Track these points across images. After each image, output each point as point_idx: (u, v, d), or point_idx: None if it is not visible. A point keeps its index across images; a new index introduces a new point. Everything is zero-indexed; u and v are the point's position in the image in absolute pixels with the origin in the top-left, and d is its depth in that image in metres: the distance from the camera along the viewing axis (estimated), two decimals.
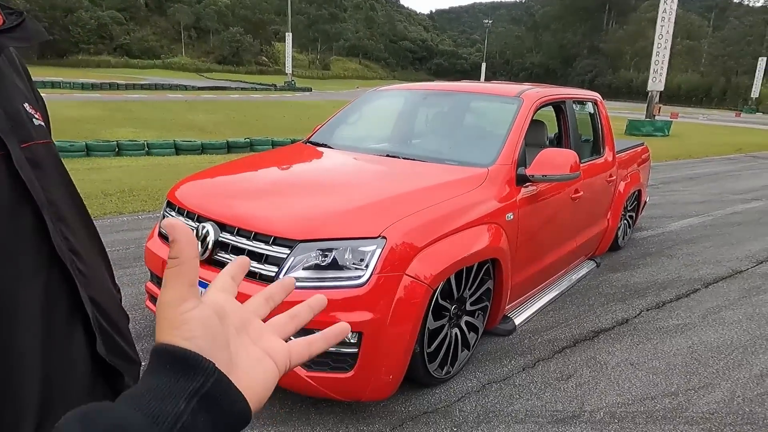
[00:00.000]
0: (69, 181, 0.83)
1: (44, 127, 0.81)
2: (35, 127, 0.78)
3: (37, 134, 0.78)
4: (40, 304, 0.71)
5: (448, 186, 2.62)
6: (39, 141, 0.78)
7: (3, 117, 0.70)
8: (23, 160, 0.71)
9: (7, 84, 0.75)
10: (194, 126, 16.50)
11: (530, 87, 3.58)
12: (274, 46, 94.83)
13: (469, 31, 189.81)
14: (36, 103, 0.83)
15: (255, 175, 2.99)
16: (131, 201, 6.13)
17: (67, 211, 0.78)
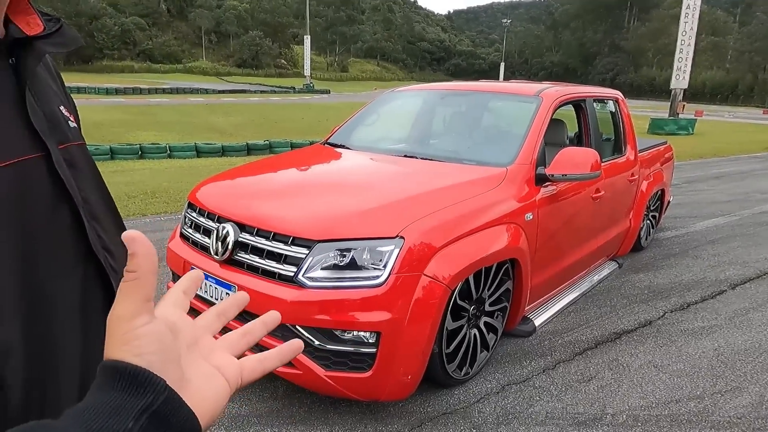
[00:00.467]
0: (101, 182, 0.86)
1: (78, 129, 0.84)
2: (70, 129, 0.81)
3: (73, 136, 0.81)
4: (78, 299, 0.73)
5: (466, 186, 2.61)
6: (74, 142, 0.81)
7: (43, 119, 0.73)
8: (61, 160, 0.73)
9: (45, 87, 0.78)
10: (215, 129, 16.74)
11: (549, 86, 3.54)
12: (292, 49, 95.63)
13: (488, 31, 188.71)
14: (69, 105, 0.86)
15: (274, 176, 3.02)
16: (154, 203, 6.24)
17: (99, 210, 0.80)
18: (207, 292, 2.37)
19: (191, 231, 2.63)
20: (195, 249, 2.55)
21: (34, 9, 0.76)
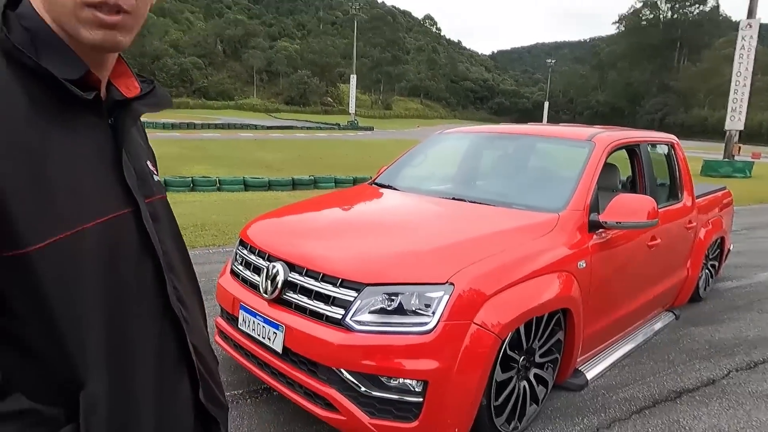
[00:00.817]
0: (177, 231, 0.89)
1: (160, 183, 0.88)
2: (155, 182, 0.85)
3: (157, 189, 0.85)
4: (154, 349, 0.76)
5: (517, 231, 2.56)
6: (158, 196, 0.84)
7: (134, 175, 0.77)
8: (148, 215, 0.77)
9: (136, 144, 0.83)
10: (262, 163, 17.28)
11: (601, 130, 3.48)
12: (338, 88, 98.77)
13: (531, 71, 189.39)
14: (152, 158, 0.91)
15: (324, 216, 3.06)
16: (203, 235, 6.44)
17: (176, 261, 0.83)
18: (254, 330, 2.39)
19: (242, 268, 2.68)
20: (244, 286, 2.59)
21: (132, 72, 0.82)
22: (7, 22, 0.67)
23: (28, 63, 0.65)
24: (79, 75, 0.69)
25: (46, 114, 0.66)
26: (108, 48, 0.71)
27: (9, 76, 0.64)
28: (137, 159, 0.81)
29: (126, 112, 0.77)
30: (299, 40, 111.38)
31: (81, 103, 0.69)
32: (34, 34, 0.68)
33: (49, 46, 0.68)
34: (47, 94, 0.66)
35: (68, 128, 0.68)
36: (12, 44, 0.65)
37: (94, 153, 0.72)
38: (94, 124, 0.73)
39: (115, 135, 0.75)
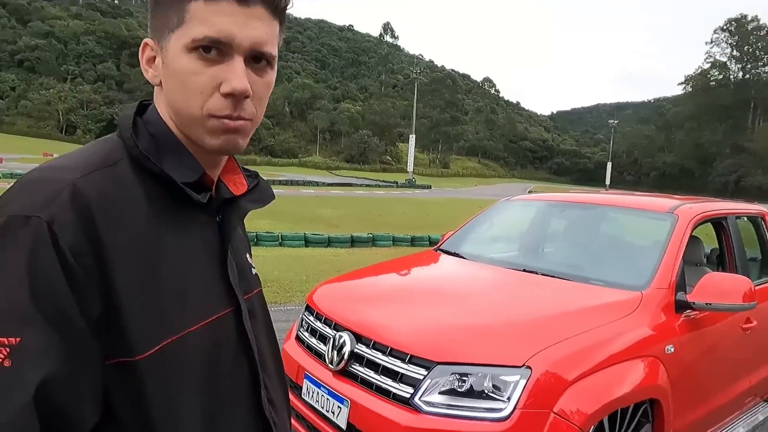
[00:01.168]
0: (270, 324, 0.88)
1: (258, 275, 0.88)
2: (253, 276, 0.85)
3: (254, 283, 0.85)
4: None
5: (597, 310, 2.40)
6: (255, 290, 0.84)
7: (236, 273, 0.77)
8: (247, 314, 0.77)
9: (238, 239, 0.83)
10: (322, 219, 17.71)
11: (683, 201, 3.29)
12: (397, 146, 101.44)
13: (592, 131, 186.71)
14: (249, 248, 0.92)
15: (391, 283, 3.03)
16: (265, 292, 6.54)
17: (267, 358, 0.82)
18: (318, 402, 2.33)
19: (307, 335, 2.66)
20: (310, 354, 2.56)
21: (239, 168, 0.84)
22: (137, 128, 0.71)
23: (153, 169, 0.68)
24: (197, 177, 0.72)
25: (163, 216, 0.69)
26: (227, 152, 0.74)
27: (134, 179, 0.67)
28: (239, 253, 0.82)
29: (233, 210, 0.79)
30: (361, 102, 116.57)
31: (195, 204, 0.71)
32: (157, 138, 0.72)
33: (171, 150, 0.72)
34: (165, 195, 0.69)
35: (181, 228, 0.70)
36: (140, 151, 0.68)
37: (202, 252, 0.73)
38: (204, 222, 0.75)
39: (222, 232, 0.77)
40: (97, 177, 0.64)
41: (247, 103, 0.69)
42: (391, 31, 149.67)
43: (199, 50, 0.66)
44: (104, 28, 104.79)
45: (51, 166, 0.66)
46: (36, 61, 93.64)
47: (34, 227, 0.57)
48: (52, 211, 0.59)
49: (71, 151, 0.71)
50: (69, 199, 0.60)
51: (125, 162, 0.68)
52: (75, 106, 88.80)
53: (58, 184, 0.61)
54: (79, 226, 0.60)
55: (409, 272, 3.21)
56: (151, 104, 0.76)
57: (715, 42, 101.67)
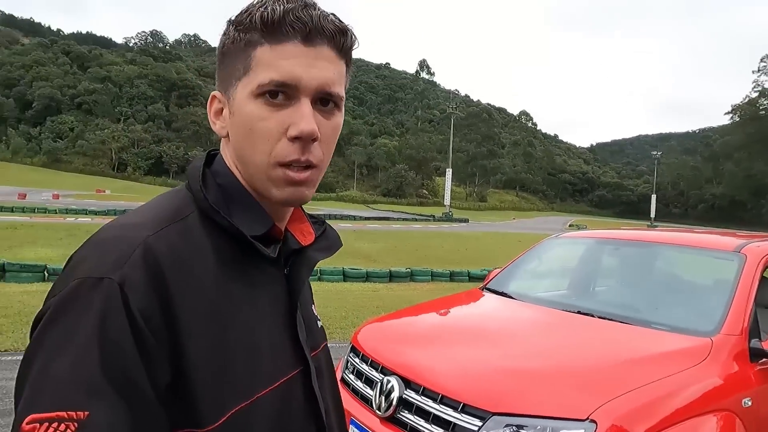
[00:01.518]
0: (335, 379, 0.84)
1: (323, 329, 0.84)
2: (318, 330, 0.81)
3: (320, 338, 0.81)
4: None
5: (663, 358, 2.24)
6: (321, 345, 0.80)
7: (304, 330, 0.73)
8: (315, 375, 0.72)
9: (306, 292, 0.80)
10: (360, 254, 17.71)
11: (749, 239, 3.09)
12: (434, 180, 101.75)
13: (634, 163, 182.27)
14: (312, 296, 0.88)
15: (439, 324, 2.93)
16: None
17: (333, 418, 0.77)
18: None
19: (353, 378, 2.59)
20: (356, 398, 2.48)
21: (306, 216, 0.81)
22: (205, 180, 0.70)
23: (222, 223, 0.66)
24: (266, 230, 0.70)
25: (232, 271, 0.66)
26: (294, 203, 0.72)
27: (203, 233, 0.65)
28: (306, 307, 0.79)
29: (302, 261, 0.76)
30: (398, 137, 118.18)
31: (264, 258, 0.68)
32: (225, 190, 0.70)
33: (240, 202, 0.70)
34: (234, 249, 0.67)
35: (250, 284, 0.68)
36: (209, 204, 0.67)
37: (270, 308, 0.70)
38: (272, 275, 0.72)
39: (290, 286, 0.74)
40: (167, 233, 0.63)
41: (315, 147, 0.67)
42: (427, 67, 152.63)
43: (266, 96, 0.65)
44: (156, 72, 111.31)
45: (122, 224, 0.65)
46: (93, 104, 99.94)
47: (105, 290, 0.56)
48: (123, 272, 0.57)
49: (141, 206, 0.70)
50: (141, 259, 0.59)
51: (195, 215, 0.67)
52: (127, 144, 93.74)
53: (129, 242, 0.60)
54: (151, 286, 0.58)
55: (456, 312, 3.11)
56: (218, 154, 0.75)
57: (762, 71, 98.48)
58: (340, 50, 0.68)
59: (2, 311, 6.52)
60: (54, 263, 10.48)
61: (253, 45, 0.65)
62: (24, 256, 11.75)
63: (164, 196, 0.72)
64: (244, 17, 0.66)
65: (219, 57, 0.70)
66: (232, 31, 0.67)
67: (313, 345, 0.77)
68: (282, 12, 0.64)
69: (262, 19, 0.64)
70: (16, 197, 37.12)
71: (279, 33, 0.64)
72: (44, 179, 66.66)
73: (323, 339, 0.83)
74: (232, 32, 0.67)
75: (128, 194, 54.61)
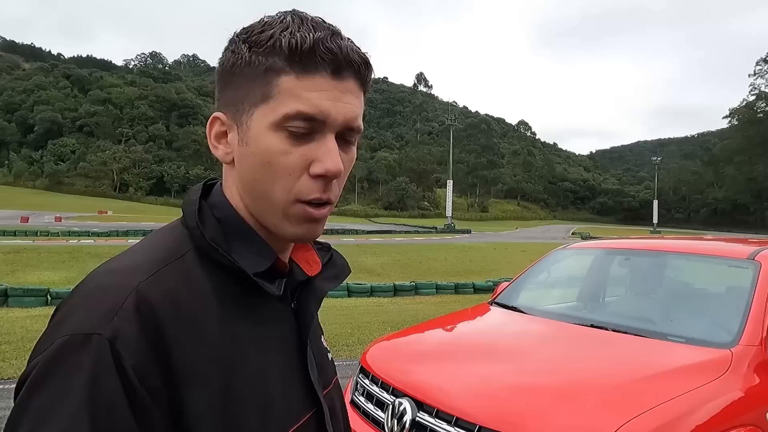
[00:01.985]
0: (345, 415, 0.79)
1: (333, 361, 0.79)
2: (329, 363, 0.76)
3: (331, 372, 0.76)
4: None
5: (684, 372, 2.17)
6: (332, 381, 0.76)
7: (315, 368, 0.68)
8: (329, 416, 0.68)
9: (316, 327, 0.75)
10: (364, 268, 17.63)
11: (762, 246, 3.03)
12: (435, 192, 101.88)
13: (635, 169, 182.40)
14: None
15: (449, 342, 2.87)
16: None
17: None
18: None
19: (363, 400, 2.52)
20: (367, 421, 2.41)
21: (311, 244, 0.75)
22: (202, 214, 0.64)
23: (222, 261, 0.61)
24: (269, 265, 0.64)
25: (236, 312, 0.61)
26: (307, 240, 0.67)
27: (203, 273, 0.60)
28: (316, 342, 0.74)
29: (309, 293, 0.71)
30: (398, 150, 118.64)
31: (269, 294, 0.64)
32: (224, 223, 0.65)
33: (240, 236, 0.65)
34: (236, 288, 0.62)
35: (256, 324, 0.63)
36: (207, 241, 0.61)
37: (279, 348, 0.65)
38: (279, 311, 0.67)
39: (299, 321, 0.69)
40: (163, 277, 0.57)
41: (334, 184, 0.64)
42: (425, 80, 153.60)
43: (289, 128, 0.60)
44: (156, 93, 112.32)
45: (112, 269, 0.59)
46: (94, 126, 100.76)
47: (95, 348, 0.51)
48: (114, 325, 0.52)
49: (133, 246, 0.65)
50: (133, 309, 0.53)
51: (192, 254, 0.61)
52: (128, 165, 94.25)
53: (120, 291, 0.54)
54: (145, 340, 0.53)
55: (466, 329, 3.05)
56: (216, 185, 0.69)
57: (758, 74, 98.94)
58: (363, 82, 0.65)
59: (5, 337, 6.46)
60: (57, 287, 10.44)
61: (276, 72, 0.60)
62: (27, 280, 11.71)
63: (158, 233, 0.67)
64: (265, 40, 0.60)
65: (224, 76, 0.64)
66: (246, 52, 0.61)
67: (325, 382, 0.72)
68: (312, 41, 0.59)
69: (290, 47, 0.59)
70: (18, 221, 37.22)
71: (308, 63, 0.60)
72: (46, 202, 66.93)
73: (334, 373, 0.78)
74: (245, 52, 0.61)
75: (130, 214, 54.76)
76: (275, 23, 0.61)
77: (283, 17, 0.61)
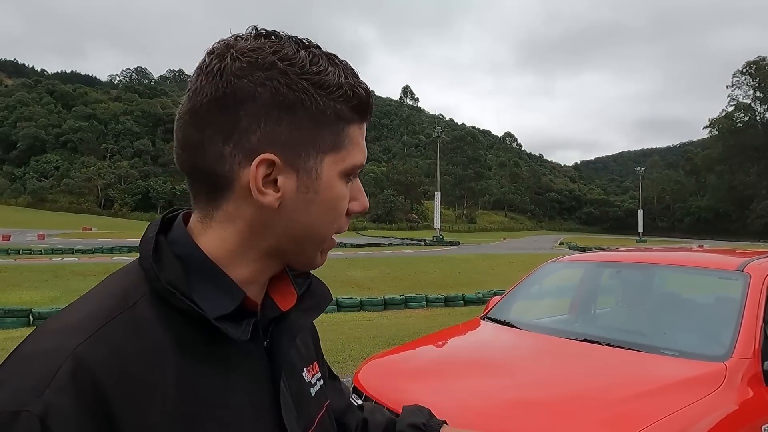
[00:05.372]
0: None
1: (322, 390, 0.75)
2: (313, 398, 0.71)
3: (316, 408, 0.71)
4: None
5: (679, 387, 2.16)
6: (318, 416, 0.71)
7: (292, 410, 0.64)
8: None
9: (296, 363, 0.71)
10: (353, 282, 17.55)
11: (750, 257, 3.06)
12: (423, 204, 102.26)
13: (619, 179, 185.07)
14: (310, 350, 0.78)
15: (444, 359, 2.83)
16: None
17: None
18: None
19: None
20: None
21: (286, 272, 0.69)
22: (159, 253, 0.58)
23: (179, 305, 0.55)
24: (234, 306, 0.58)
25: (196, 363, 0.55)
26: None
27: (158, 321, 0.54)
28: (296, 379, 0.69)
29: (282, 330, 0.65)
30: (385, 163, 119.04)
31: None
32: (186, 262, 0.58)
33: (204, 275, 0.59)
34: (197, 334, 0.56)
35: (219, 373, 0.57)
36: (162, 285, 0.55)
37: (250, 396, 0.59)
38: (249, 353, 0.61)
39: (272, 361, 0.63)
40: (107, 333, 0.51)
41: None
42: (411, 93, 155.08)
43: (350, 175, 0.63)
44: (141, 108, 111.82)
45: (51, 329, 0.53)
46: (78, 142, 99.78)
47: (22, 428, 0.45)
48: (45, 399, 0.46)
49: (84, 295, 0.59)
50: (68, 378, 0.47)
51: (146, 299, 0.55)
52: (113, 181, 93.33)
53: (54, 357, 0.48)
54: (83, 412, 0.46)
55: (459, 345, 3.02)
56: (177, 218, 0.63)
57: (736, 85, 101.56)
58: None
59: None
60: (39, 306, 10.21)
61: (346, 121, 0.60)
62: (8, 300, 11.45)
63: (113, 276, 0.60)
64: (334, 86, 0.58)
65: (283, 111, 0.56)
66: (314, 93, 0.57)
67: (307, 423, 0.67)
68: (366, 92, 0.61)
69: (360, 98, 0.60)
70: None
71: (366, 114, 0.63)
72: (29, 219, 65.81)
73: (320, 406, 0.73)
74: (313, 94, 0.57)
75: (115, 231, 54.02)
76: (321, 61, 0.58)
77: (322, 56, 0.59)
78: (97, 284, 0.60)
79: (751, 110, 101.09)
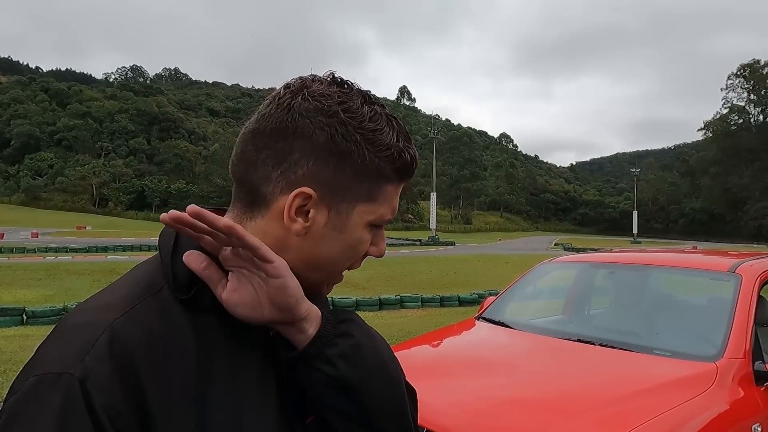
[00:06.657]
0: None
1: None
2: None
3: None
4: None
5: (671, 387, 2.18)
6: None
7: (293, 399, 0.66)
8: None
9: None
10: (349, 282, 17.51)
11: (742, 258, 3.09)
12: (418, 204, 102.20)
13: (614, 180, 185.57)
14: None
15: (437, 360, 2.85)
16: None
17: None
18: None
19: None
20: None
21: None
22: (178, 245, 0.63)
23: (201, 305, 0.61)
24: None
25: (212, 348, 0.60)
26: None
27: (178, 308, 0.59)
28: None
29: None
30: None
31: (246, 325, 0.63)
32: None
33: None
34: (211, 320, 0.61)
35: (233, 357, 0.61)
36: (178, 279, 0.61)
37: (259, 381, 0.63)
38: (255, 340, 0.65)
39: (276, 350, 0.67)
40: (139, 313, 0.57)
41: None
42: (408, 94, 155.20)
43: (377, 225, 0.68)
44: (137, 106, 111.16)
45: (88, 306, 0.59)
46: (73, 140, 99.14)
47: (64, 388, 0.50)
48: (85, 365, 0.52)
49: (115, 281, 0.64)
50: (106, 348, 0.53)
51: (168, 287, 0.61)
52: (108, 179, 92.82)
53: (93, 329, 0.54)
54: (118, 380, 0.52)
55: (453, 346, 3.03)
56: None
57: (730, 87, 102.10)
58: None
59: None
60: (33, 305, 10.15)
61: (386, 179, 0.65)
62: (1, 299, 11.37)
63: (140, 266, 0.66)
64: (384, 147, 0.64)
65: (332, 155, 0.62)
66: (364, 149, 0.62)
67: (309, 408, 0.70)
68: (411, 157, 0.66)
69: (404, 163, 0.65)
70: None
71: (406, 176, 0.68)
72: (23, 218, 65.38)
73: None
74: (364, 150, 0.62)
75: (110, 230, 53.77)
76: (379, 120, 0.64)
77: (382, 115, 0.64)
78: (125, 273, 0.66)
79: (745, 113, 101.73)
